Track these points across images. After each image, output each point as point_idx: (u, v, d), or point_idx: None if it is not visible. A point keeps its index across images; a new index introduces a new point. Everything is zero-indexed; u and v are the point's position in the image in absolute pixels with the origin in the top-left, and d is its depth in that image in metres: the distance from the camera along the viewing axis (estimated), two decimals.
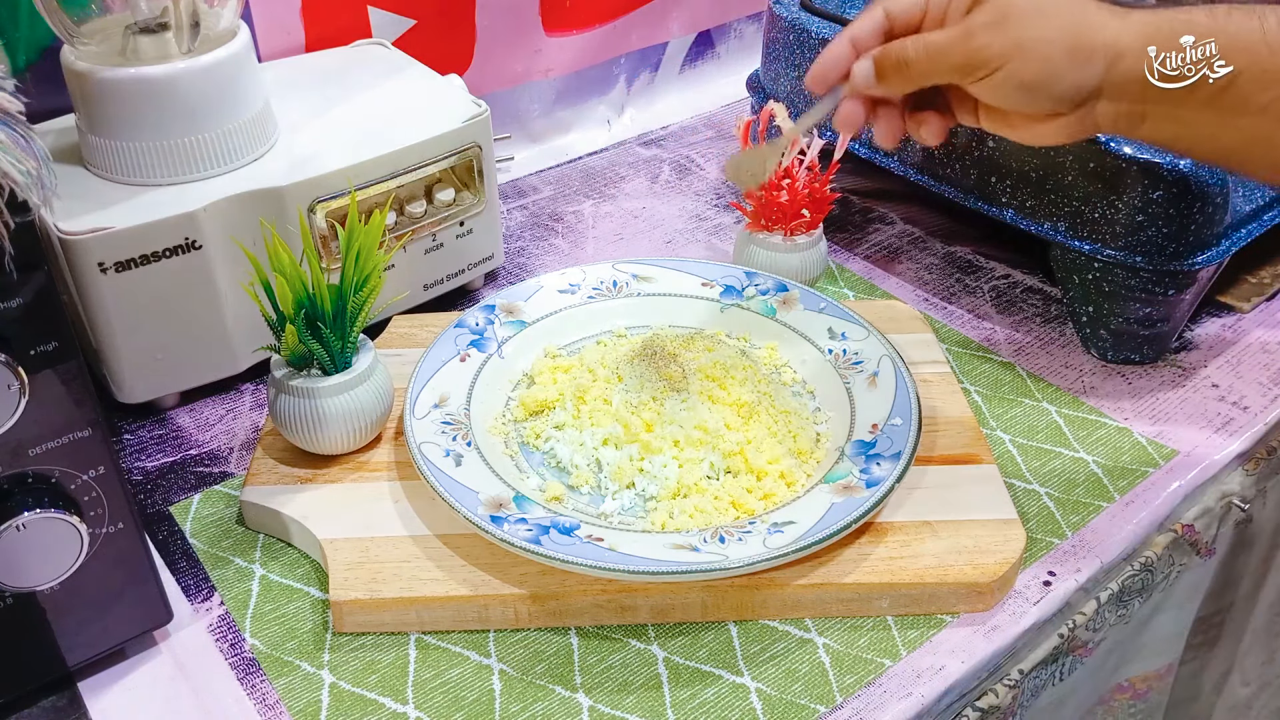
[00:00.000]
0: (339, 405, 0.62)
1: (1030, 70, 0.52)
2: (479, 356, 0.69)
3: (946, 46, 0.53)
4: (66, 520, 0.48)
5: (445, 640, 0.56)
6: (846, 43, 0.57)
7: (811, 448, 0.64)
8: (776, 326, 0.73)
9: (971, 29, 0.52)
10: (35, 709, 0.53)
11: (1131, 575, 0.64)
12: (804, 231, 0.78)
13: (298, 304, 0.60)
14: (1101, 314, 0.74)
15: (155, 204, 0.65)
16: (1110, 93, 0.52)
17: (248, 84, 0.68)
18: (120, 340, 0.66)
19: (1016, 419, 0.71)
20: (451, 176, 0.78)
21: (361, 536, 0.59)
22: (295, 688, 0.54)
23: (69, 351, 0.46)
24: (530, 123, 1.05)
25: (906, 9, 0.55)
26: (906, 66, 0.54)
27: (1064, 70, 0.51)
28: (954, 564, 0.57)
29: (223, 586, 0.59)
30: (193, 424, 0.71)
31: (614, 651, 0.56)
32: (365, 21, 0.89)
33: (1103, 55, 0.51)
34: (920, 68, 0.54)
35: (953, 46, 0.53)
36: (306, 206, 0.69)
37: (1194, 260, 0.70)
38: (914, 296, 0.83)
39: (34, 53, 0.74)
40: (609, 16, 1.05)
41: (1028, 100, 0.53)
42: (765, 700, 0.53)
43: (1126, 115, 0.53)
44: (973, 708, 0.57)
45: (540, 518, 0.57)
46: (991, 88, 0.53)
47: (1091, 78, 0.52)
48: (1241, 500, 0.70)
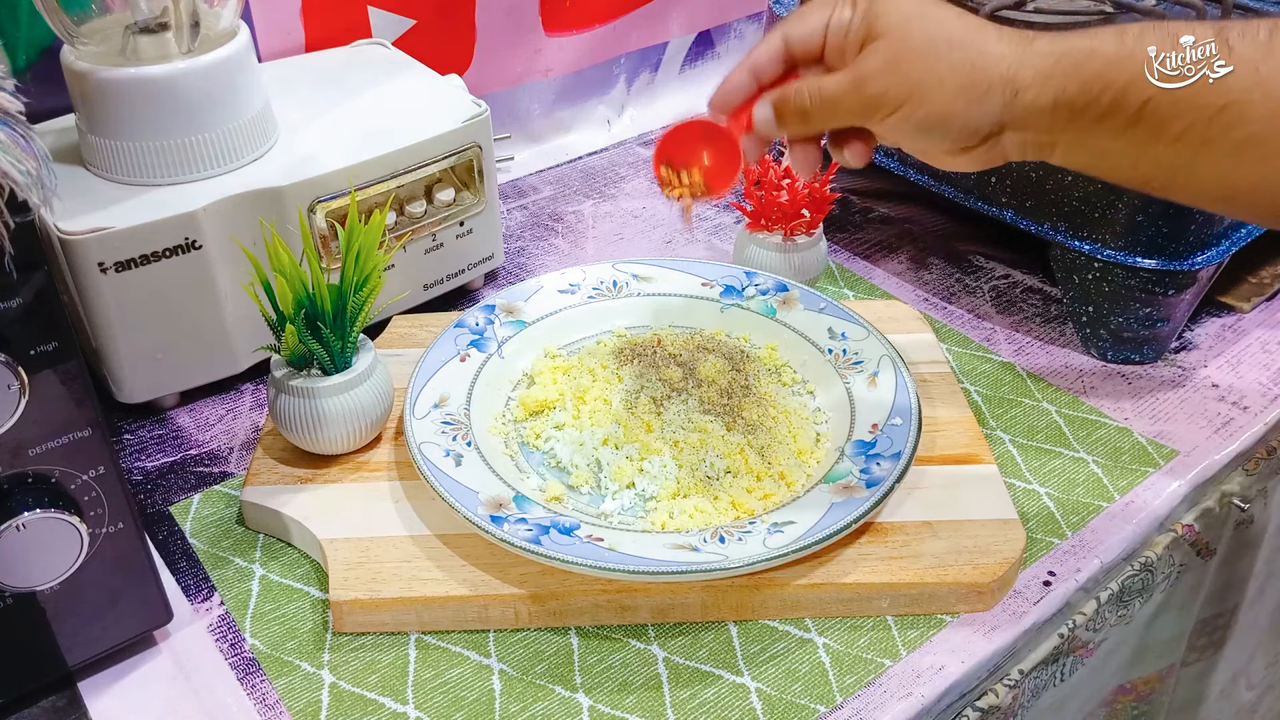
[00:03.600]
0: (339, 405, 0.62)
1: (925, 112, 0.50)
2: (479, 356, 0.69)
3: (839, 95, 0.52)
4: (66, 520, 0.48)
5: (445, 640, 0.56)
6: (746, 72, 0.56)
7: (811, 448, 0.64)
8: (776, 326, 0.73)
9: (863, 75, 0.51)
10: (35, 709, 0.53)
11: (1131, 575, 0.64)
12: (804, 231, 0.78)
13: (298, 304, 0.60)
14: (1101, 314, 0.74)
15: (155, 204, 0.65)
16: (1014, 125, 0.50)
17: (248, 84, 0.68)
18: (120, 340, 0.66)
19: (1016, 419, 0.71)
20: (451, 176, 0.78)
21: (361, 536, 0.59)
22: (295, 688, 0.54)
23: (69, 351, 0.46)
24: (530, 123, 1.05)
25: (805, 38, 0.54)
26: (805, 115, 0.54)
27: (960, 110, 0.50)
28: (954, 564, 0.57)
29: (223, 586, 0.59)
30: (193, 424, 0.71)
31: (614, 651, 0.56)
32: (365, 21, 0.89)
33: (1000, 90, 0.49)
34: (818, 116, 0.53)
35: (846, 95, 0.52)
36: (306, 206, 0.69)
37: (1194, 260, 0.70)
38: (914, 296, 0.83)
39: (34, 53, 0.74)
40: (609, 16, 1.05)
41: (927, 139, 0.52)
42: (765, 700, 0.53)
43: (1034, 144, 0.52)
44: (973, 708, 0.57)
45: (540, 518, 0.57)
46: (890, 129, 0.52)
47: (990, 114, 0.50)
48: (1241, 500, 0.70)
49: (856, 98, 0.52)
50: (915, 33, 0.50)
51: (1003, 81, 0.49)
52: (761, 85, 0.56)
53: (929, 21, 0.51)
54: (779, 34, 0.55)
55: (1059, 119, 0.49)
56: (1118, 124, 0.48)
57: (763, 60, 0.55)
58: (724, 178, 0.59)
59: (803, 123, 0.54)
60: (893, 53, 0.50)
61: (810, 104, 0.53)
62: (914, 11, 0.51)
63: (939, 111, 0.50)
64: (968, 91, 0.50)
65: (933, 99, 0.50)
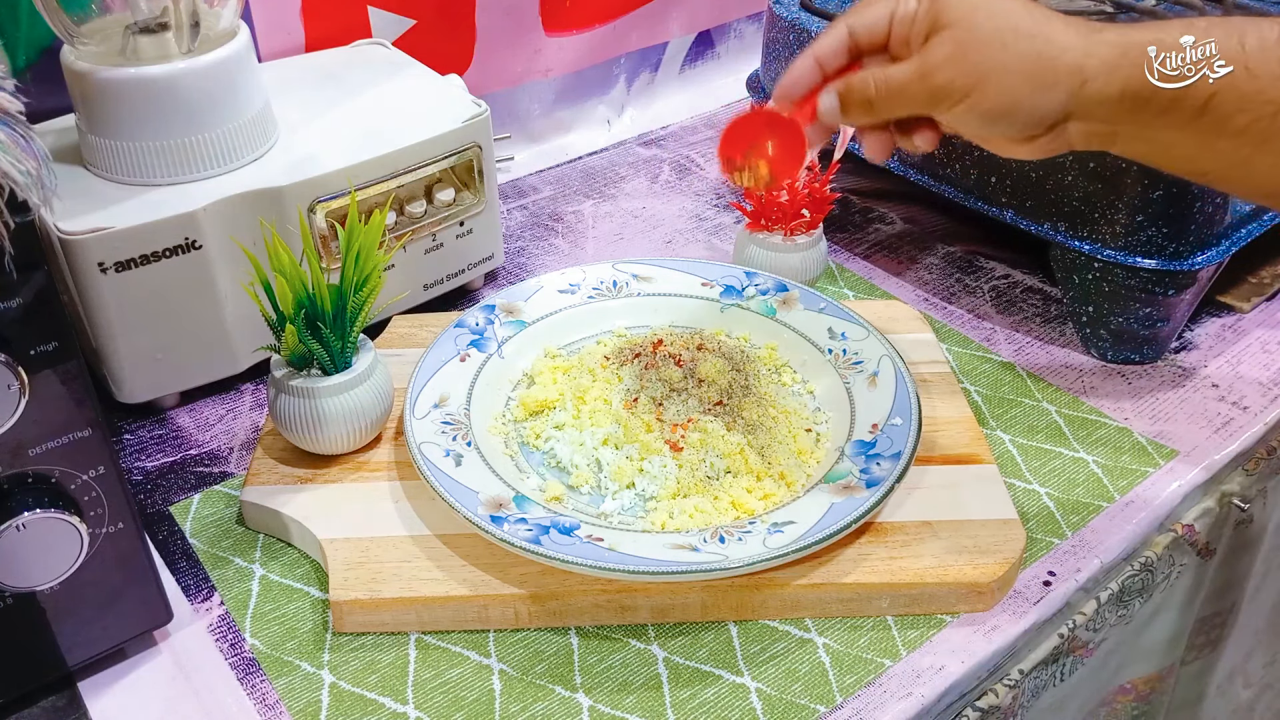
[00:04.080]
0: (339, 405, 0.62)
1: (991, 101, 0.51)
2: (479, 356, 0.69)
3: (906, 85, 0.52)
4: (66, 520, 0.48)
5: (445, 640, 0.56)
6: (811, 60, 0.56)
7: (811, 448, 0.64)
8: (776, 326, 0.73)
9: (929, 65, 0.51)
10: (35, 709, 0.53)
11: (1131, 575, 0.64)
12: (804, 231, 0.78)
13: (298, 304, 0.60)
14: (1101, 314, 0.74)
15: (155, 204, 0.65)
16: (1079, 114, 0.51)
17: (248, 84, 0.68)
18: (120, 340, 0.66)
19: (1016, 419, 0.71)
20: (451, 176, 0.78)
21: (361, 536, 0.59)
22: (295, 688, 0.54)
23: (69, 351, 0.46)
24: (530, 123, 1.05)
25: (870, 26, 0.54)
26: (870, 105, 0.54)
27: (1026, 99, 0.50)
28: (954, 564, 0.57)
29: (223, 586, 0.59)
30: (193, 424, 0.71)
31: (614, 651, 0.56)
32: (365, 21, 0.89)
33: (1066, 81, 0.50)
34: (884, 105, 0.54)
35: (912, 85, 0.52)
36: (306, 206, 0.69)
37: (1194, 260, 0.70)
38: (914, 296, 0.83)
39: (34, 53, 0.74)
40: (609, 16, 1.05)
41: (993, 128, 0.53)
42: (765, 700, 0.53)
43: (1099, 134, 0.52)
44: (973, 708, 0.57)
45: (540, 518, 0.57)
46: (956, 118, 0.53)
47: (1056, 104, 0.51)
48: (1241, 500, 0.70)
49: (923, 87, 0.52)
50: (982, 22, 0.51)
51: (1070, 71, 0.50)
52: (826, 75, 0.56)
53: (995, 12, 0.51)
54: (843, 24, 0.55)
55: (1124, 109, 0.50)
56: (1182, 116, 0.49)
57: (827, 50, 0.56)
58: (789, 166, 0.60)
59: (868, 112, 0.55)
60: (959, 42, 0.51)
61: (876, 94, 0.53)
62: (979, 2, 0.51)
63: (1006, 101, 0.51)
64: (1034, 81, 0.50)
65: (1000, 89, 0.50)
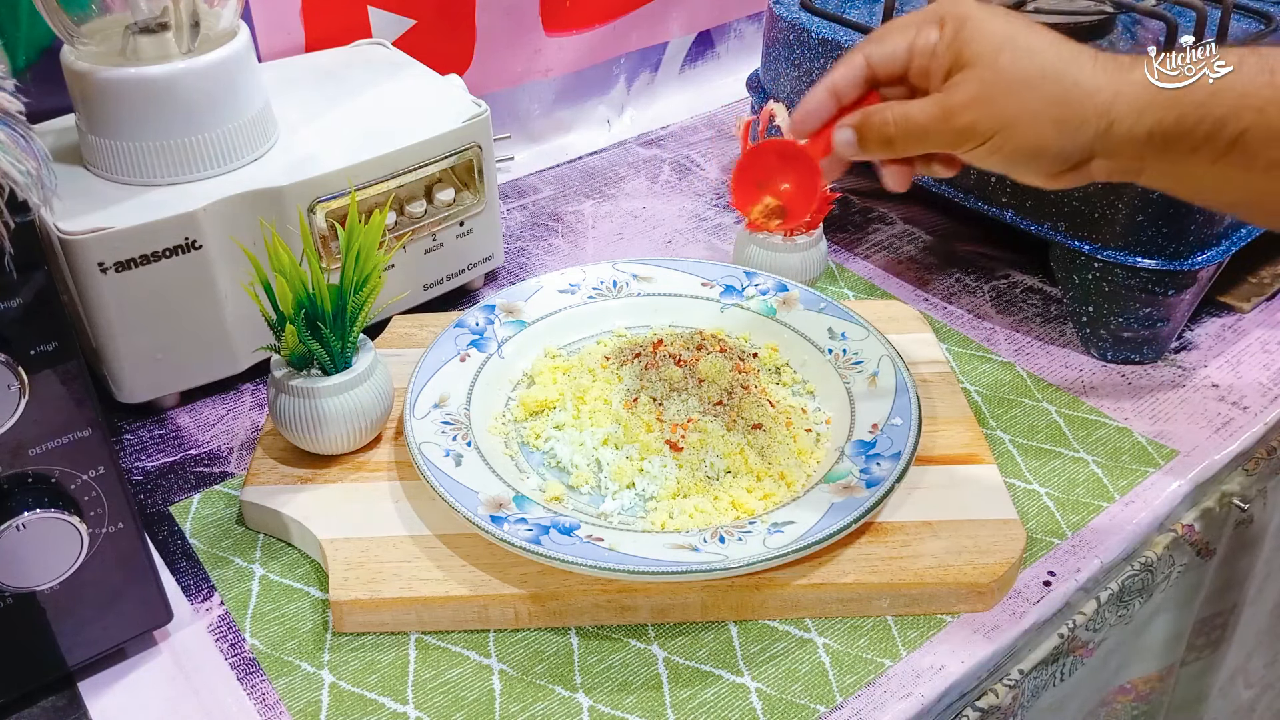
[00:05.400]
0: (339, 405, 0.62)
1: (1017, 145, 0.50)
2: (479, 356, 0.69)
3: (927, 126, 0.51)
4: (66, 520, 0.48)
5: (445, 640, 0.56)
6: (826, 92, 0.54)
7: (811, 448, 0.64)
8: (776, 326, 0.73)
9: (951, 107, 0.50)
10: (35, 709, 0.53)
11: (1131, 575, 0.64)
12: (804, 231, 0.78)
13: (298, 304, 0.60)
14: (1101, 314, 0.74)
15: (155, 204, 0.65)
16: (1105, 153, 0.50)
17: (248, 84, 0.68)
18: (120, 340, 0.66)
19: (1016, 419, 0.71)
20: (451, 176, 0.78)
21: (361, 536, 0.59)
22: (295, 688, 0.54)
23: (69, 351, 0.46)
24: (530, 123, 1.05)
25: (887, 59, 0.53)
26: (889, 143, 0.53)
27: (1053, 143, 0.50)
28: (954, 564, 0.57)
29: (223, 586, 0.59)
30: (193, 424, 0.71)
31: (614, 651, 0.56)
32: (365, 21, 0.89)
33: (1094, 124, 0.49)
34: (904, 144, 0.52)
35: (933, 126, 0.51)
36: (306, 206, 0.69)
37: (1194, 260, 0.70)
38: (914, 296, 0.83)
39: (34, 53, 0.74)
40: (609, 16, 1.05)
41: (1017, 169, 0.52)
42: (765, 700, 0.53)
43: (1122, 170, 0.51)
44: (973, 708, 0.57)
45: (540, 518, 0.57)
46: (978, 158, 0.52)
47: (1082, 145, 0.50)
48: (1241, 500, 0.70)
49: (945, 129, 0.51)
50: (1006, 64, 0.49)
51: (1098, 114, 0.49)
52: (843, 106, 0.55)
53: (1020, 52, 0.49)
54: (860, 54, 0.54)
55: (1152, 148, 0.49)
56: (1211, 153, 0.48)
57: (843, 81, 0.54)
58: (804, 202, 0.59)
59: (887, 149, 0.53)
60: (983, 84, 0.49)
61: (896, 132, 0.52)
62: (1004, 40, 0.50)
63: (1032, 145, 0.50)
64: (1061, 126, 0.49)
65: (1025, 133, 0.49)
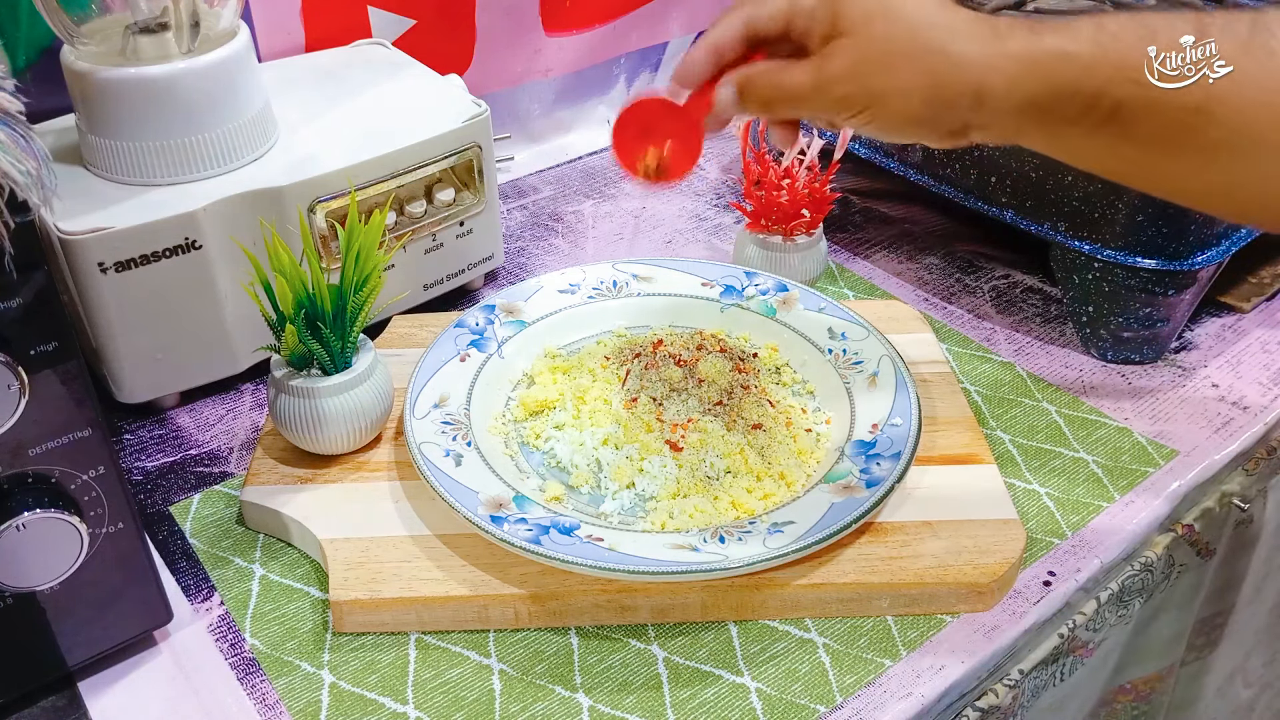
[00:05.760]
0: (339, 405, 0.62)
1: (888, 117, 0.50)
2: (479, 356, 0.69)
3: (803, 94, 0.51)
4: (66, 520, 0.48)
5: (445, 640, 0.56)
6: (707, 50, 0.54)
7: (811, 448, 0.64)
8: (776, 326, 0.73)
9: (825, 79, 0.50)
10: (35, 709, 0.53)
11: (1131, 575, 0.64)
12: (804, 231, 0.78)
13: (298, 304, 0.60)
14: (1101, 314, 0.74)
15: (155, 204, 0.65)
16: (978, 125, 0.50)
17: (248, 84, 0.68)
18: (120, 340, 0.66)
19: (1016, 419, 0.71)
20: (451, 176, 0.78)
21: (361, 536, 0.59)
22: (295, 688, 0.54)
23: (69, 351, 0.46)
24: (530, 123, 1.05)
25: (769, 19, 0.53)
26: (768, 105, 0.53)
27: (924, 117, 0.50)
28: (954, 564, 0.57)
29: (223, 586, 0.59)
30: (193, 424, 0.71)
31: (614, 651, 0.56)
32: (365, 21, 0.89)
33: (967, 99, 0.49)
34: (781, 108, 0.53)
35: (809, 95, 0.51)
36: (306, 206, 0.69)
37: (1194, 260, 0.70)
38: (914, 296, 0.83)
39: (34, 53, 0.74)
40: (609, 16, 1.05)
41: (892, 138, 0.52)
42: (765, 700, 0.53)
43: (1000, 138, 0.51)
44: (973, 708, 0.57)
45: (540, 518, 0.57)
46: (855, 127, 0.52)
47: (955, 118, 0.50)
48: (1241, 500, 0.70)
49: (819, 98, 0.51)
50: (878, 34, 0.49)
51: (969, 89, 0.49)
52: (724, 64, 0.55)
53: (892, 20, 0.49)
54: (739, 16, 0.54)
55: (1026, 119, 0.49)
56: (1086, 126, 0.48)
57: (723, 39, 0.54)
58: (686, 158, 0.58)
59: (766, 110, 0.54)
60: (855, 58, 0.50)
61: (772, 96, 0.53)
62: (876, 6, 0.49)
63: (902, 118, 0.50)
64: (930, 101, 0.49)
65: (896, 107, 0.50)
